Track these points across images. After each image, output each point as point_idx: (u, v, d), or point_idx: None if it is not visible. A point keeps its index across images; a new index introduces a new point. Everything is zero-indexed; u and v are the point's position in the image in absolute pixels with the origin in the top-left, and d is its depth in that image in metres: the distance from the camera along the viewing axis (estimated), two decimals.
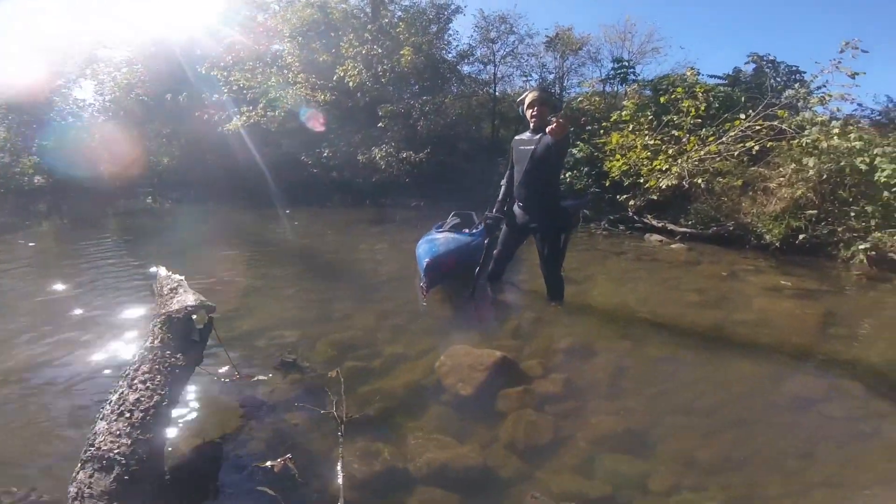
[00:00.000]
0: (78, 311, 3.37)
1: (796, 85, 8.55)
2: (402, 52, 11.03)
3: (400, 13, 13.32)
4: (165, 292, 2.21)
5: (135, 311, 3.30)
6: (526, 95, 3.27)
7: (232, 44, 13.21)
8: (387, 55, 11.20)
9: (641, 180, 7.88)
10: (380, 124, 10.84)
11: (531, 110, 3.19)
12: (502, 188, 3.55)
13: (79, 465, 1.33)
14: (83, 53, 19.02)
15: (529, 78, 13.92)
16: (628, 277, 4.98)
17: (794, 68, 11.89)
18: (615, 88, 13.33)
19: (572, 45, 13.36)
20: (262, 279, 4.48)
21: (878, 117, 11.08)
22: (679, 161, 7.43)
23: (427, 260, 3.49)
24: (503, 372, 2.34)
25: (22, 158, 20.32)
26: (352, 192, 11.03)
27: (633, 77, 12.58)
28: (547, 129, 2.87)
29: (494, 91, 13.56)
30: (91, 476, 1.27)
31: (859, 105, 10.62)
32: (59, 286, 4.07)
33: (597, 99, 12.74)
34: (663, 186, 7.42)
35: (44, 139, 19.55)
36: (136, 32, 17.31)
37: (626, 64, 12.79)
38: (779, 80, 11.63)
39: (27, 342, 2.81)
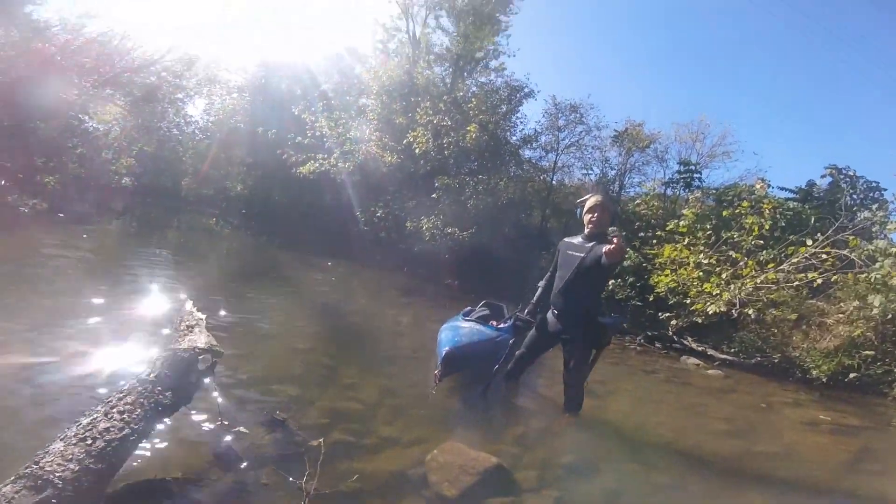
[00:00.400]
0: (93, 319, 3.46)
1: (874, 206, 8.01)
2: (468, 128, 11.61)
3: (475, 88, 14.16)
4: (182, 328, 2.26)
5: (150, 334, 3.35)
6: (588, 198, 3.11)
7: (326, 91, 14.61)
8: (454, 128, 11.79)
9: (688, 301, 7.46)
10: (434, 195, 11.21)
11: (591, 214, 3.00)
12: (539, 290, 3.39)
13: (12, 477, 1.28)
14: (206, 72, 21.79)
15: (590, 171, 14.00)
16: (653, 398, 4.68)
17: (874, 184, 11.14)
18: (677, 192, 12.95)
19: (640, 142, 13.24)
20: (280, 327, 4.53)
21: None
22: (732, 287, 7.02)
23: (447, 349, 3.38)
24: (495, 480, 2.22)
25: (122, 157, 22.91)
26: (393, 256, 11.24)
27: (698, 183, 12.23)
28: (604, 250, 2.66)
29: (552, 179, 13.68)
30: (18, 492, 1.22)
31: None
32: (93, 288, 4.28)
33: (655, 203, 12.45)
34: (710, 312, 6.99)
35: (146, 145, 22.05)
36: (253, 62, 19.80)
37: (693, 168, 12.43)
38: (855, 197, 11.00)
39: (24, 341, 2.84)
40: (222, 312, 4.37)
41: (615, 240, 2.59)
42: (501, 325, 4.37)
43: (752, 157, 30.59)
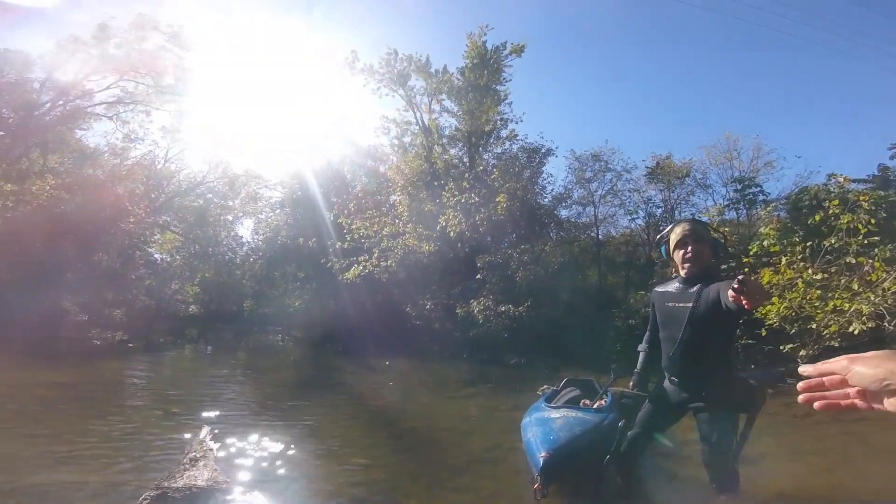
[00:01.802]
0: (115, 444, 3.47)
1: None
2: (497, 199, 11.46)
3: (494, 161, 14.32)
4: (187, 460, 2.01)
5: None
6: (671, 231, 2.45)
7: (356, 194, 15.24)
8: (483, 203, 11.71)
9: (814, 325, 6.33)
10: (478, 276, 10.91)
11: (682, 251, 2.34)
12: (641, 355, 2.72)
13: None
14: (246, 189, 23.26)
15: (636, 216, 13.40)
16: (828, 447, 3.72)
17: None
18: (738, 215, 12.05)
19: (676, 174, 12.74)
20: (336, 441, 4.23)
21: None
22: (870, 296, 5.79)
23: (544, 454, 2.71)
24: None
25: (187, 286, 24.72)
26: (450, 345, 10.85)
27: (763, 197, 11.28)
28: (730, 296, 1.87)
29: (597, 234, 13.22)
30: None
31: None
32: (145, 413, 4.41)
33: (725, 229, 11.51)
34: (856, 332, 5.74)
35: (206, 271, 23.74)
36: (289, 176, 21.03)
37: (750, 183, 11.58)
38: None
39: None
40: (272, 430, 4.26)
41: (741, 282, 1.73)
42: (600, 404, 3.66)
43: (797, 160, 28.12)
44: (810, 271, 6.42)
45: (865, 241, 6.19)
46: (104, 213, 12.85)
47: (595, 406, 3.62)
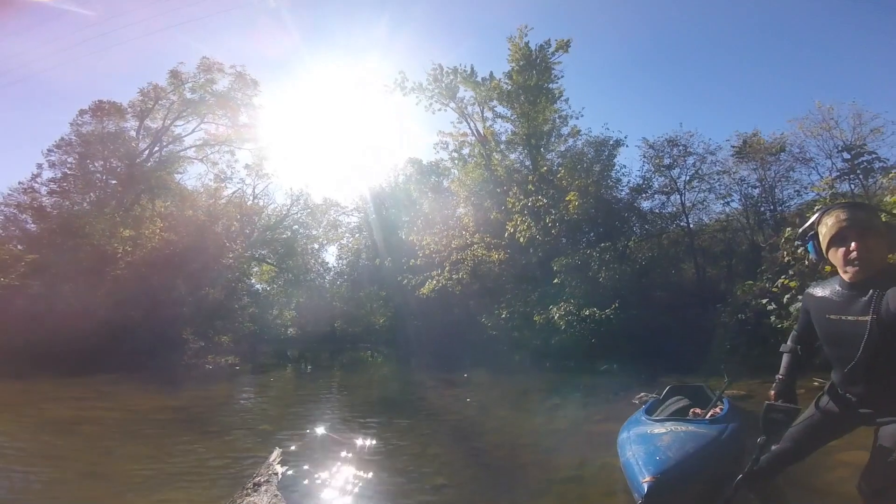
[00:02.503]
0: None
1: None
2: (567, 198, 10.88)
3: (559, 160, 13.79)
4: (250, 485, 1.94)
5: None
6: (819, 220, 1.85)
7: (423, 211, 15.54)
8: (553, 204, 11.19)
9: None
10: (555, 280, 10.34)
11: (842, 248, 1.74)
12: (786, 357, 2.16)
13: None
14: (328, 218, 24.96)
15: (729, 199, 11.92)
16: None
17: None
18: (853, 187, 10.27)
19: (769, 150, 11.21)
20: (410, 457, 4.14)
21: None
22: None
23: (649, 478, 2.30)
24: None
25: (285, 311, 26.94)
26: (531, 353, 10.34)
27: (881, 164, 9.60)
28: None
29: (688, 223, 11.94)
30: None
31: None
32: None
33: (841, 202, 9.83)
34: None
35: (300, 296, 25.65)
36: (363, 200, 22.20)
37: (861, 150, 9.91)
38: None
39: None
40: (351, 449, 4.28)
41: None
42: (714, 413, 3.16)
43: None
44: None
45: None
46: (208, 251, 14.38)
47: (709, 416, 3.12)
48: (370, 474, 3.58)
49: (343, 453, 4.11)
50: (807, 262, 6.73)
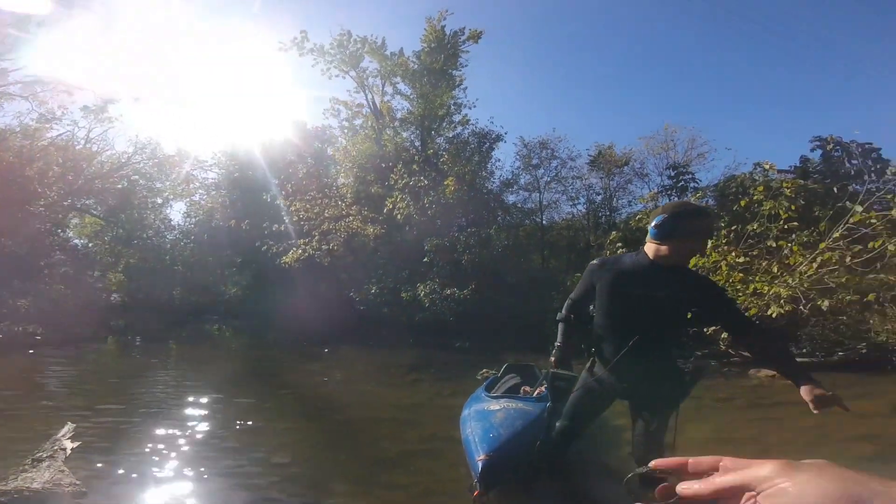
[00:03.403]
0: None
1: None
2: (445, 182, 11.30)
3: (446, 145, 14.24)
4: (29, 461, 1.78)
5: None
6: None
7: (297, 174, 14.48)
8: (433, 186, 11.50)
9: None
10: (425, 259, 10.71)
11: (694, 246, 2.11)
12: (562, 326, 2.34)
13: None
14: (182, 171, 21.27)
15: (577, 202, 13.76)
16: (750, 434, 3.81)
17: (868, 145, 10.90)
18: (673, 200, 12.76)
19: (617, 162, 13.25)
20: (253, 434, 3.92)
21: None
22: (788, 280, 6.15)
23: (483, 456, 2.46)
24: None
25: (110, 273, 22.51)
26: (396, 330, 10.60)
27: (694, 185, 11.98)
28: (812, 405, 1.89)
29: (541, 220, 13.40)
30: None
31: None
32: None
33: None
34: (774, 316, 5.98)
35: (131, 257, 21.77)
36: (227, 157, 19.68)
37: (684, 171, 12.28)
38: (854, 162, 10.63)
39: None
40: (181, 425, 3.96)
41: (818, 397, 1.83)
42: (540, 391, 3.47)
43: (727, 152, 30.02)
44: (733, 255, 6.80)
45: (785, 227, 6.64)
46: (10, 196, 11.28)
47: (535, 394, 3.46)
48: (196, 451, 3.32)
49: (167, 431, 3.72)
50: None
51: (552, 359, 2.32)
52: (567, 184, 13.76)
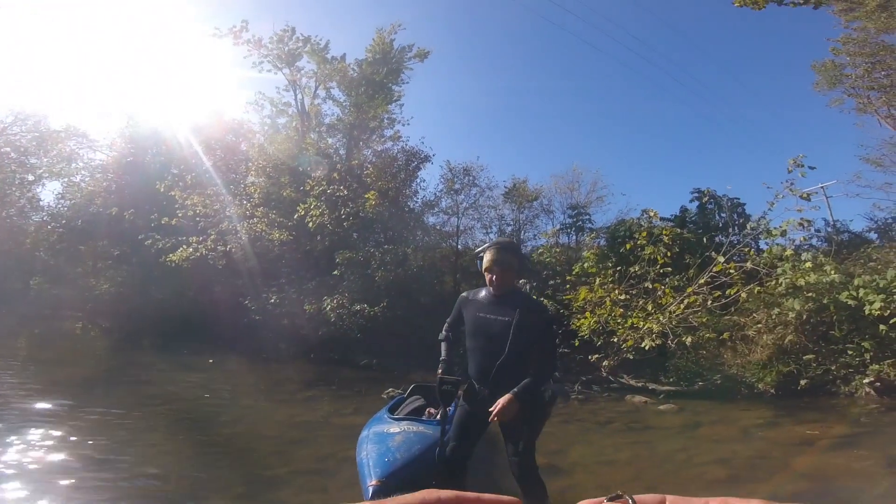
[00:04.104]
0: None
1: (757, 218, 8.05)
2: (367, 195, 11.08)
3: (372, 157, 14.09)
4: None
5: None
6: (485, 251, 2.55)
7: (201, 165, 13.16)
8: (352, 198, 11.18)
9: (615, 339, 7.31)
10: (335, 272, 10.27)
11: (489, 275, 2.50)
12: (444, 344, 2.74)
13: None
14: (63, 148, 18.80)
15: (490, 230, 14.27)
16: (627, 457, 4.03)
17: (735, 200, 12.19)
18: (571, 238, 13.76)
19: (527, 197, 14.06)
20: (118, 445, 3.52)
21: (823, 244, 10.43)
22: (659, 318, 6.96)
23: (374, 482, 2.39)
24: None
25: None
26: (297, 343, 9.90)
27: (590, 225, 13.02)
28: (493, 414, 2.34)
29: (457, 244, 13.59)
30: None
31: (816, 231, 10.44)
32: None
33: (557, 250, 12.77)
34: (647, 348, 6.77)
35: None
36: (122, 138, 17.46)
37: (583, 211, 13.33)
38: (723, 215, 11.95)
39: None
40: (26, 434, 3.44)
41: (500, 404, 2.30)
42: (448, 414, 3.47)
43: (622, 197, 33.99)
44: (616, 292, 7.63)
45: (661, 271, 7.60)
46: None
47: (439, 416, 3.49)
48: (40, 465, 2.83)
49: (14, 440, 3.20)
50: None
51: (439, 370, 2.64)
52: (483, 212, 14.24)
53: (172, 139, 15.18)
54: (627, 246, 8.19)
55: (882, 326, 5.76)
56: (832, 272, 6.38)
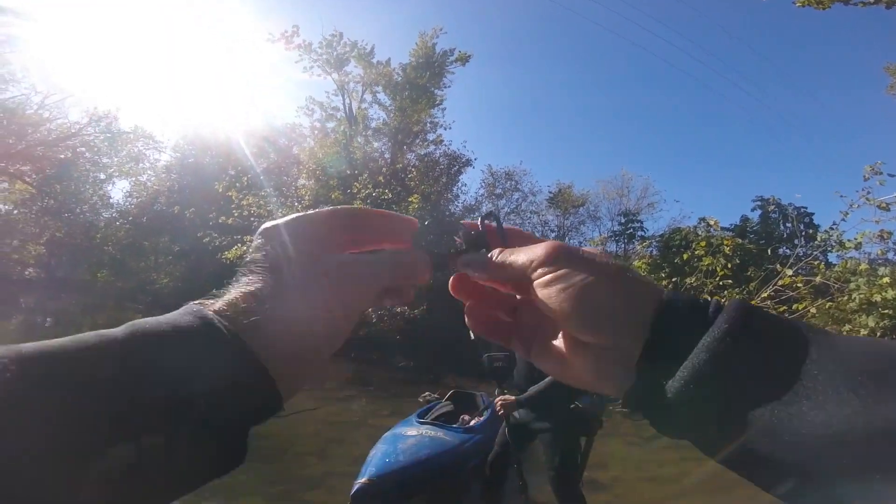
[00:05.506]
0: None
1: (828, 229, 7.33)
2: (410, 199, 11.20)
3: (416, 161, 14.23)
4: None
5: None
6: None
7: (257, 170, 13.77)
8: (396, 201, 11.34)
9: None
10: None
11: None
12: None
13: None
14: (132, 149, 19.85)
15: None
16: (672, 473, 3.80)
17: (802, 209, 11.53)
18: (621, 247, 13.13)
19: (573, 202, 13.58)
20: None
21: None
22: None
23: (364, 480, 2.33)
24: None
25: (28, 245, 20.22)
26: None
27: (642, 233, 12.44)
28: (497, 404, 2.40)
29: None
30: None
31: (895, 243, 9.63)
32: None
33: None
34: None
35: (57, 230, 19.74)
36: (186, 140, 18.66)
37: (634, 218, 12.67)
38: (788, 225, 11.32)
39: None
40: None
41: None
42: (475, 423, 3.34)
43: (675, 204, 31.59)
44: None
45: (720, 283, 7.09)
46: None
47: (471, 423, 3.37)
48: None
49: None
50: None
51: (485, 355, 2.51)
52: (525, 217, 14.05)
53: (230, 142, 16.00)
54: (684, 256, 7.74)
55: None
56: None
